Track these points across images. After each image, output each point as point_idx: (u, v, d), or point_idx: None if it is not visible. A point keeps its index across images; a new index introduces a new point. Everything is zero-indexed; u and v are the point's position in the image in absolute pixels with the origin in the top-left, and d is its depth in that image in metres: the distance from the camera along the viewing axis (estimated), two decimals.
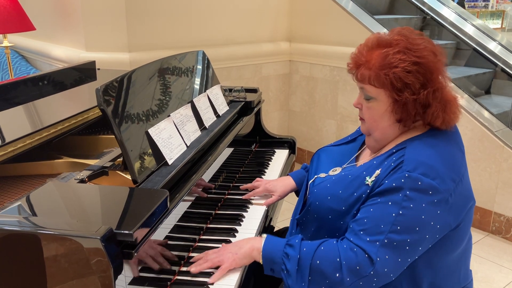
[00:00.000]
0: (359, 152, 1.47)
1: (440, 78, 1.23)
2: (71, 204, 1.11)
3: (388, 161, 1.22)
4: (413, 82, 1.18)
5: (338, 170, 1.41)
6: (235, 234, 1.49)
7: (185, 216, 1.41)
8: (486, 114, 3.11)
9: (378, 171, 1.22)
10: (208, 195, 1.64)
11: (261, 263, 1.26)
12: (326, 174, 1.41)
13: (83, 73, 2.24)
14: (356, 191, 1.24)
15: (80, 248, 0.92)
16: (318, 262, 1.18)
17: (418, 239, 1.15)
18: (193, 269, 1.25)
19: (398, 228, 1.13)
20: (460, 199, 1.19)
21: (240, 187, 1.78)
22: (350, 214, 1.24)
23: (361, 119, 1.34)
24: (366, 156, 1.41)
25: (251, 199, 1.71)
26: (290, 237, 1.28)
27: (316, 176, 1.43)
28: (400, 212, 1.13)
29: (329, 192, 1.30)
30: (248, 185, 1.77)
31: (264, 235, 1.30)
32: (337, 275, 1.15)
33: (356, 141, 1.52)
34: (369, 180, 1.22)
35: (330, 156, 1.51)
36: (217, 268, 1.26)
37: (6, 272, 0.99)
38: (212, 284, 1.22)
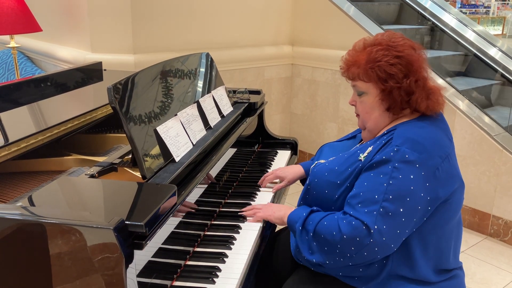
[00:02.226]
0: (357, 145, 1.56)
1: (422, 69, 1.37)
2: (83, 198, 1.15)
3: (380, 140, 1.36)
4: (396, 73, 1.33)
5: None
6: (239, 230, 1.53)
7: (190, 213, 1.45)
8: (485, 118, 3.15)
9: (370, 148, 1.35)
10: (212, 194, 1.68)
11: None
12: (326, 161, 1.51)
13: (90, 73, 2.28)
14: (350, 167, 1.36)
15: (93, 238, 0.96)
16: (322, 236, 1.31)
17: (411, 210, 1.25)
18: (244, 213, 1.61)
19: (390, 197, 1.24)
20: (447, 175, 1.30)
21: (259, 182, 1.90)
22: (344, 187, 1.36)
23: (357, 115, 1.48)
24: None
25: (257, 191, 1.82)
26: (311, 208, 1.42)
27: (317, 162, 1.55)
28: (390, 182, 1.24)
29: (327, 168, 1.43)
30: (261, 180, 1.90)
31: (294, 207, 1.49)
32: (339, 246, 1.27)
33: (356, 138, 1.65)
34: (362, 156, 1.35)
35: (332, 149, 1.64)
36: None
37: (17, 261, 1.03)
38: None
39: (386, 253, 1.28)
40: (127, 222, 0.98)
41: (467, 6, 10.33)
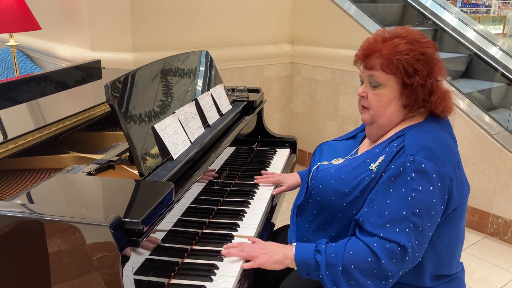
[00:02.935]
0: (359, 146, 1.53)
1: (441, 70, 1.33)
2: (80, 195, 1.15)
3: (390, 147, 1.30)
4: (421, 70, 1.29)
5: (340, 160, 1.47)
6: (237, 228, 1.53)
7: (188, 211, 1.44)
8: (486, 117, 3.15)
9: (381, 157, 1.29)
10: (210, 192, 1.67)
11: (296, 269, 1.32)
12: (329, 163, 1.47)
13: (89, 71, 2.28)
14: (359, 175, 1.31)
15: (90, 235, 0.96)
16: (352, 266, 1.22)
17: (435, 223, 1.23)
18: (224, 251, 1.36)
19: (417, 210, 1.19)
20: (458, 183, 1.27)
21: (255, 177, 1.91)
22: (353, 196, 1.30)
23: (364, 108, 1.40)
24: (365, 148, 1.47)
25: (255, 189, 1.83)
26: (317, 242, 1.31)
27: (319, 163, 1.50)
28: (413, 194, 1.20)
29: (333, 176, 1.37)
30: (262, 176, 1.90)
31: (294, 244, 1.34)
32: (376, 272, 1.20)
33: (356, 137, 1.60)
34: (373, 166, 1.29)
35: (332, 149, 1.58)
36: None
37: (14, 258, 1.03)
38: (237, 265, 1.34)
39: (413, 266, 1.25)
40: (123, 219, 0.98)
41: (468, 5, 10.32)
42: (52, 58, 3.63)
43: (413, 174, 1.20)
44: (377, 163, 1.29)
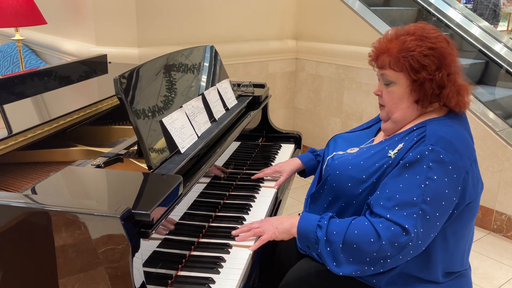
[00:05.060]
0: (374, 137, 1.54)
1: (454, 64, 1.33)
2: (90, 187, 1.16)
3: (410, 136, 1.32)
4: (429, 64, 1.29)
5: (355, 149, 1.49)
6: (243, 222, 1.54)
7: (195, 205, 1.46)
8: (490, 114, 3.15)
9: (400, 145, 1.31)
10: (216, 186, 1.69)
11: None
12: (344, 152, 1.49)
13: (95, 66, 2.29)
14: (377, 162, 1.33)
15: (100, 227, 0.97)
16: (354, 245, 1.24)
17: (444, 214, 1.24)
18: (238, 237, 1.41)
19: (428, 199, 1.21)
20: (474, 178, 1.29)
21: (252, 177, 1.87)
22: (369, 182, 1.32)
23: (381, 105, 1.44)
24: (381, 139, 1.48)
25: (261, 183, 1.83)
26: (322, 215, 1.34)
27: (334, 153, 1.51)
28: (427, 182, 1.21)
29: (351, 162, 1.39)
30: (259, 172, 1.89)
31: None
32: (375, 254, 1.22)
33: (371, 128, 1.61)
34: (392, 153, 1.31)
35: (346, 140, 1.60)
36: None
37: (25, 250, 1.04)
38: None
39: (415, 255, 1.25)
40: (133, 211, 0.99)
41: (471, 2, 10.28)
42: (57, 53, 3.64)
43: (430, 164, 1.22)
44: (395, 150, 1.31)
